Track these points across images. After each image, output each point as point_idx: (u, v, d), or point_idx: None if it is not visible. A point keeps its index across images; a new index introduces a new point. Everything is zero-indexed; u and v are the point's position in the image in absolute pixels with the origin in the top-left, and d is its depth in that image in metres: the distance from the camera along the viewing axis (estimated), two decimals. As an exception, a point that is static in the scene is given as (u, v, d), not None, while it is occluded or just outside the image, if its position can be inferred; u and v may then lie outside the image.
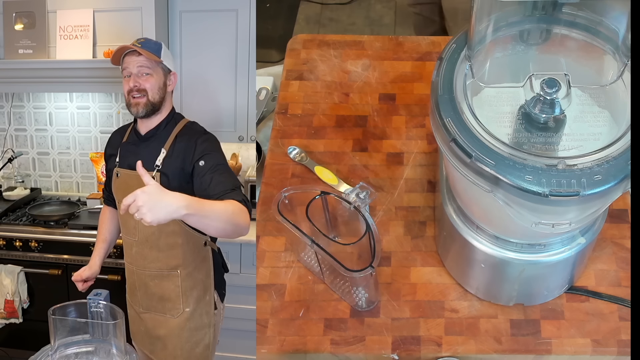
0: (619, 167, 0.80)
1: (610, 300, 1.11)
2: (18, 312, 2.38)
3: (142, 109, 1.54)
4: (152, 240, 1.57)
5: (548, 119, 0.86)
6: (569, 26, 0.92)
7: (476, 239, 1.04)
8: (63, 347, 0.99)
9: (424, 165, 1.30)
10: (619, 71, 0.89)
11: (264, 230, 1.24)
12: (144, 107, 1.54)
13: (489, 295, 1.12)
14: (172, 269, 1.59)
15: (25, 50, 2.50)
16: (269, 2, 2.94)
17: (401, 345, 1.09)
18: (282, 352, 1.10)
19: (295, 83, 1.45)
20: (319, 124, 1.38)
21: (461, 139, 0.85)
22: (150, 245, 1.57)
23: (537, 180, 0.80)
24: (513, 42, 0.94)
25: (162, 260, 1.58)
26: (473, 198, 0.99)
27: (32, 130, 2.89)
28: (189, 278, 1.60)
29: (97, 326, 0.98)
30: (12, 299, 2.36)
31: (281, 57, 1.55)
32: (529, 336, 1.08)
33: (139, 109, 1.55)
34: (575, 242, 1.03)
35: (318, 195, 1.10)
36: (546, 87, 0.84)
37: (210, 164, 1.52)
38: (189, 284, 1.60)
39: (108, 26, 2.47)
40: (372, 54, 1.49)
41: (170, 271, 1.59)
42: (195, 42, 2.56)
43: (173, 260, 1.59)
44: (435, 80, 0.93)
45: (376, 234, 1.03)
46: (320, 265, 1.14)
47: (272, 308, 1.14)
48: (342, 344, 1.09)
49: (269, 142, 1.37)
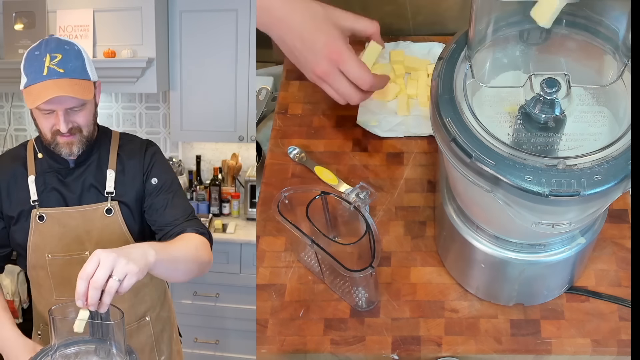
0: (619, 167, 0.80)
1: (610, 300, 1.11)
2: (18, 312, 2.39)
3: (77, 148, 1.20)
4: None
5: (548, 119, 0.86)
6: (569, 26, 0.92)
7: (476, 239, 1.04)
8: (63, 347, 0.99)
9: (424, 165, 1.30)
10: (619, 71, 0.89)
11: (264, 230, 1.24)
12: (79, 146, 1.21)
13: (489, 295, 1.12)
14: (141, 317, 1.34)
15: (25, 50, 2.50)
16: (269, 2, 2.93)
17: (401, 345, 1.09)
18: (282, 352, 1.10)
19: (295, 83, 1.45)
20: (319, 124, 1.38)
21: (461, 139, 0.85)
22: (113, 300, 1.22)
23: (537, 180, 0.80)
24: (513, 42, 0.94)
25: (129, 311, 1.29)
26: (473, 198, 0.99)
27: (32, 130, 2.89)
28: (158, 321, 1.38)
29: (97, 326, 0.98)
30: (12, 299, 2.36)
31: (281, 57, 1.54)
32: (529, 336, 1.09)
33: (73, 149, 1.20)
34: (575, 242, 1.03)
35: (318, 195, 1.10)
36: (546, 87, 0.84)
37: (163, 182, 1.29)
38: (158, 327, 1.38)
39: (108, 26, 2.48)
40: (372, 54, 1.48)
41: (140, 320, 1.34)
42: (195, 42, 2.57)
43: (142, 306, 1.34)
44: (435, 80, 0.93)
45: (376, 234, 1.03)
46: (320, 265, 1.14)
47: (272, 308, 1.14)
48: (342, 344, 1.09)
49: (269, 142, 1.37)
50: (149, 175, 1.29)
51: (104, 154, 1.28)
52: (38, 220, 1.23)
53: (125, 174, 1.28)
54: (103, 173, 1.27)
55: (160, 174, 1.30)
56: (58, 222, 1.24)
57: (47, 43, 1.17)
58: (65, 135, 1.18)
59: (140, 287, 1.31)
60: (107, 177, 1.26)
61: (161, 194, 1.28)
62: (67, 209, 1.24)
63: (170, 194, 1.29)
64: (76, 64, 1.16)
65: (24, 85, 1.17)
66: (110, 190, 1.25)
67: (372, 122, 1.33)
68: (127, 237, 1.28)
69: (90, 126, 1.22)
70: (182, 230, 1.25)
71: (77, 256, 1.25)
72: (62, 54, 1.15)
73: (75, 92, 1.13)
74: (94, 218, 1.25)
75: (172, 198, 1.29)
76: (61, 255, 1.25)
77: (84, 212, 1.24)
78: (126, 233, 1.27)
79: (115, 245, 1.12)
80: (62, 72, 1.13)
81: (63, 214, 1.24)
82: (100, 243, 1.24)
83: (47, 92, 1.11)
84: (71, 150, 1.20)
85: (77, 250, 1.26)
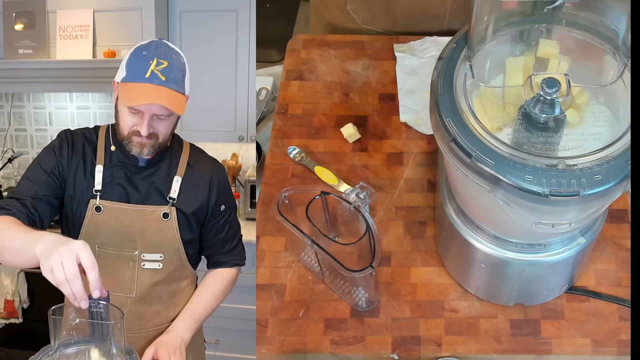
0: (619, 167, 0.80)
1: (610, 300, 1.11)
2: (18, 312, 2.39)
3: (148, 150, 1.20)
4: (155, 292, 1.28)
5: (548, 119, 0.85)
6: (569, 26, 0.92)
7: (476, 239, 1.04)
8: (63, 347, 0.99)
9: (424, 165, 1.30)
10: (619, 71, 0.89)
11: (264, 230, 1.24)
12: (150, 149, 1.20)
13: (489, 295, 1.12)
14: (172, 319, 1.31)
15: (25, 50, 2.50)
16: (269, 2, 2.94)
17: (401, 345, 1.09)
18: (282, 352, 1.10)
19: (295, 83, 1.45)
20: (319, 124, 1.38)
21: (461, 139, 0.85)
22: (152, 299, 1.28)
23: (537, 180, 0.80)
24: (513, 42, 0.94)
25: (163, 313, 1.30)
26: (473, 198, 0.99)
27: (32, 130, 2.89)
28: None
29: (97, 326, 0.97)
30: (12, 299, 2.36)
31: (281, 57, 1.54)
32: (529, 336, 1.09)
33: (144, 150, 1.20)
34: (575, 242, 1.03)
35: (318, 195, 1.10)
36: (546, 87, 0.84)
37: (228, 208, 1.33)
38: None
39: (108, 26, 2.48)
40: (372, 54, 1.49)
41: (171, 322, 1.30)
42: (195, 42, 2.56)
43: (175, 310, 1.32)
44: (435, 80, 0.93)
45: (376, 234, 1.03)
46: (320, 265, 1.14)
47: (272, 308, 1.14)
48: (342, 344, 1.09)
49: (269, 142, 1.37)
50: (219, 200, 1.31)
51: (175, 160, 1.29)
52: (95, 210, 1.22)
53: (192, 183, 1.28)
54: (170, 179, 1.27)
55: (227, 201, 1.34)
56: (114, 216, 1.23)
57: (157, 46, 1.16)
58: (143, 137, 1.17)
59: (176, 291, 1.32)
60: (173, 183, 1.26)
61: (225, 220, 1.34)
62: (126, 205, 1.23)
63: (230, 219, 1.36)
64: (178, 76, 1.16)
65: (122, 79, 1.17)
66: (173, 196, 1.26)
67: (416, 121, 1.34)
68: (177, 245, 1.27)
69: (167, 135, 1.22)
70: (220, 261, 1.38)
71: (127, 253, 1.25)
72: (168, 61, 1.14)
73: (172, 104, 1.13)
74: (150, 219, 1.25)
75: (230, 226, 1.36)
76: (112, 249, 1.24)
77: (141, 211, 1.24)
78: (178, 240, 1.27)
79: (164, 249, 1.26)
80: (163, 80, 1.12)
81: (120, 210, 1.23)
82: (150, 245, 1.25)
83: (146, 96, 1.12)
84: (142, 152, 1.20)
85: (128, 248, 1.25)
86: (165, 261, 1.26)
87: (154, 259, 1.26)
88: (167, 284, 1.29)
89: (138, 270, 1.25)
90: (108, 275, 1.19)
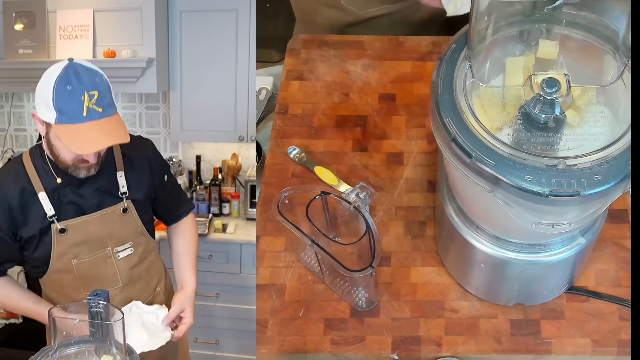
0: (619, 167, 0.80)
1: (610, 300, 1.11)
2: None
3: (95, 169, 1.22)
4: (135, 273, 1.39)
5: (548, 119, 0.85)
6: (569, 26, 0.92)
7: (476, 239, 1.04)
8: (63, 347, 0.99)
9: (424, 165, 1.30)
10: (619, 71, 0.89)
11: (264, 230, 1.24)
12: (97, 167, 1.22)
13: (489, 295, 1.12)
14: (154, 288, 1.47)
15: (25, 50, 2.50)
16: (269, 2, 2.94)
17: (401, 345, 1.09)
18: (282, 352, 1.10)
19: (295, 83, 1.45)
20: (319, 124, 1.38)
21: (461, 139, 0.85)
22: (134, 280, 1.39)
23: (537, 180, 0.80)
24: (513, 42, 0.94)
25: (145, 288, 1.43)
26: (473, 198, 0.99)
27: (32, 130, 2.89)
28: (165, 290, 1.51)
29: (97, 326, 0.97)
30: (12, 299, 2.36)
31: (281, 57, 1.54)
32: (529, 336, 1.09)
33: (91, 171, 1.22)
34: (575, 242, 1.03)
35: (318, 195, 1.10)
36: (546, 87, 0.84)
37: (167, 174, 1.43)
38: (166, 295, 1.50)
39: (108, 26, 2.48)
40: (372, 54, 1.49)
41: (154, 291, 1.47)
42: (195, 42, 2.56)
43: (154, 280, 1.47)
44: (435, 80, 0.93)
45: (376, 234, 1.03)
46: (320, 265, 1.14)
47: (272, 308, 1.14)
48: (342, 344, 1.09)
49: (269, 142, 1.37)
50: (160, 173, 1.40)
51: (110, 157, 1.29)
52: (59, 233, 1.25)
53: (133, 171, 1.33)
54: (114, 177, 1.30)
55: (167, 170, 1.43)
56: (80, 230, 1.27)
57: (78, 76, 1.10)
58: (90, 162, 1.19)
59: (150, 265, 1.43)
60: (118, 179, 1.30)
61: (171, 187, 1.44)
62: (87, 217, 1.27)
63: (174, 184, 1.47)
64: (109, 98, 1.15)
65: (57, 121, 1.10)
66: (124, 191, 1.31)
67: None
68: (141, 229, 1.38)
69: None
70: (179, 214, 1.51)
71: (101, 254, 1.33)
72: (97, 90, 1.12)
73: (121, 137, 1.14)
74: (112, 219, 1.32)
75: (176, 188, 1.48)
76: (87, 257, 1.32)
77: (102, 216, 1.30)
78: (140, 226, 1.38)
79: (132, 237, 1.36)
80: (100, 112, 1.11)
81: (83, 223, 1.27)
82: (119, 239, 1.35)
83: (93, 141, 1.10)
84: (89, 172, 1.21)
85: (101, 249, 1.33)
86: (135, 245, 1.38)
87: (125, 247, 1.36)
88: (142, 262, 1.40)
89: (116, 263, 1.34)
90: (93, 277, 1.32)
